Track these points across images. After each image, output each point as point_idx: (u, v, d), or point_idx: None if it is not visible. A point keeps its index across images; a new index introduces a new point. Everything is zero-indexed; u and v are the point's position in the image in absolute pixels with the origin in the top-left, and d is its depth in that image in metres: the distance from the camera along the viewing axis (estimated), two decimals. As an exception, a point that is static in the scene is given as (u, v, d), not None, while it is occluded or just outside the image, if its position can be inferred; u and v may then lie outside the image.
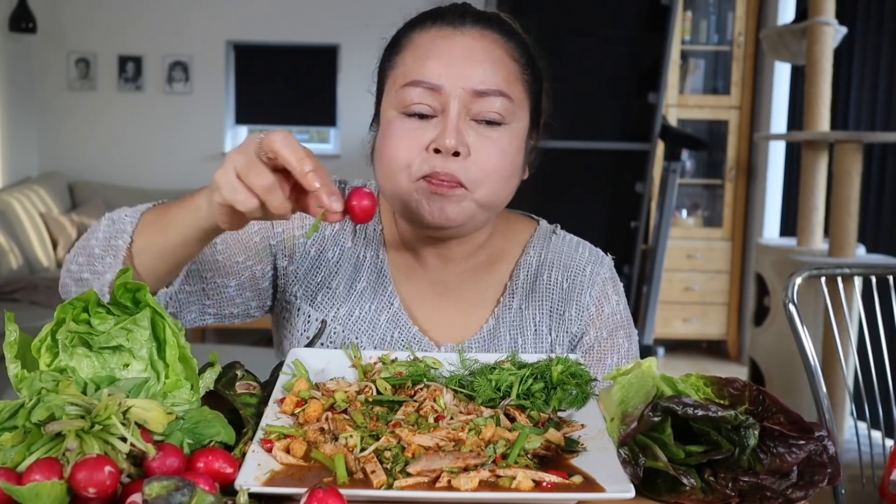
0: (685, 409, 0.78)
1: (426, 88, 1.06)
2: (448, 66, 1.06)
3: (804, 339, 1.70)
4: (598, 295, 1.23)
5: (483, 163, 1.07)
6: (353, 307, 1.19)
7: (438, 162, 1.05)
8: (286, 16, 5.69)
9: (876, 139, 3.29)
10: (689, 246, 5.31)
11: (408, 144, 1.07)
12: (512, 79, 1.10)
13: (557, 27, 3.81)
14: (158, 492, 0.62)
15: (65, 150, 5.75)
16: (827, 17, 3.40)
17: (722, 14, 5.30)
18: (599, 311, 1.22)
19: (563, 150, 3.87)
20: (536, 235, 1.26)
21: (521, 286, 1.22)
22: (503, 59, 1.09)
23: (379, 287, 1.19)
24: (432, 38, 1.09)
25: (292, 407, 0.88)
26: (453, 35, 1.08)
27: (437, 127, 1.06)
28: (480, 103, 1.07)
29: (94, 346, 0.86)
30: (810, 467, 0.77)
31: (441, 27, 1.09)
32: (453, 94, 1.06)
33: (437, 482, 0.75)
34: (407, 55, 1.10)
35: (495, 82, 1.07)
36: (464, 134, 1.06)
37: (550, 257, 1.23)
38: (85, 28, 5.67)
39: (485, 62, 1.07)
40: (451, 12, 1.11)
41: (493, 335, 1.19)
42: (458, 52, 1.07)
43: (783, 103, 5.06)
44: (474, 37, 1.09)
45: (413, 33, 1.11)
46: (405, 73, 1.09)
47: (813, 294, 3.05)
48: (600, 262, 1.25)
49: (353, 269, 1.20)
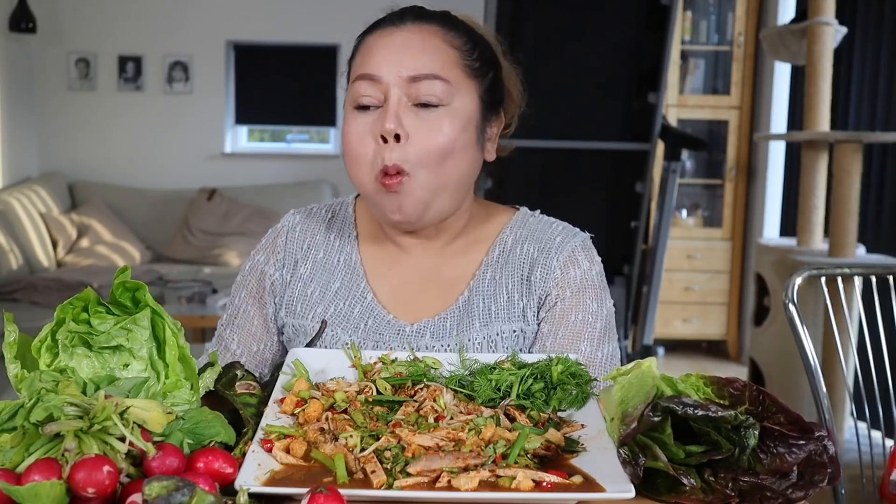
0: (685, 409, 0.78)
1: (369, 80, 1.16)
2: (386, 58, 1.16)
3: (804, 339, 1.70)
4: (565, 259, 1.25)
5: (422, 142, 1.14)
6: (328, 306, 1.26)
7: (385, 151, 1.14)
8: (286, 16, 5.69)
9: (876, 139, 3.29)
10: (689, 246, 5.31)
11: (358, 135, 1.17)
12: (450, 63, 1.18)
13: (557, 27, 3.81)
14: (158, 492, 0.62)
15: (65, 150, 5.75)
16: (827, 17, 3.40)
17: (722, 14, 5.30)
18: (565, 274, 1.24)
19: (563, 150, 3.88)
20: (514, 219, 1.31)
21: (496, 260, 1.27)
22: (440, 47, 1.18)
23: (353, 285, 1.27)
24: (376, 37, 1.20)
25: (292, 407, 0.88)
26: (393, 32, 1.19)
27: (381, 115, 1.15)
28: (417, 87, 1.15)
29: (94, 346, 0.86)
30: (810, 467, 0.77)
31: (384, 27, 1.20)
32: (391, 82, 1.15)
33: (437, 482, 0.75)
34: (357, 57, 1.21)
35: (430, 67, 1.16)
36: (402, 118, 1.14)
37: (525, 234, 1.28)
38: (85, 28, 5.67)
39: (419, 50, 1.17)
40: (396, 14, 1.22)
41: (468, 306, 1.24)
42: (396, 44, 1.17)
43: (783, 103, 5.05)
44: (412, 31, 1.18)
45: (366, 38, 1.22)
46: (354, 71, 1.20)
47: (813, 294, 3.05)
48: (573, 235, 1.28)
49: (327, 276, 1.28)
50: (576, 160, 3.93)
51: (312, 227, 1.32)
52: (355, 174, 1.18)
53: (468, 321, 1.22)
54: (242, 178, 5.72)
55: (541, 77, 3.83)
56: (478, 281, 1.25)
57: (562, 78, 3.80)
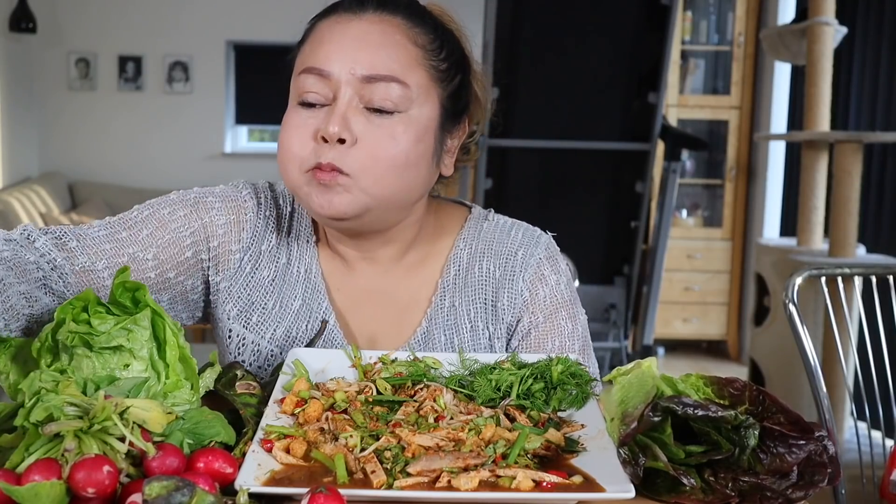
0: (685, 409, 0.78)
1: (317, 75, 1.03)
2: (339, 52, 1.02)
3: (804, 339, 1.70)
4: (531, 278, 1.14)
5: (369, 150, 1.01)
6: (290, 327, 1.14)
7: (324, 151, 1.01)
8: (286, 16, 5.67)
9: (876, 139, 3.29)
10: (689, 246, 5.31)
11: (299, 133, 1.04)
12: (412, 64, 1.04)
13: (558, 27, 3.81)
14: (158, 492, 0.62)
15: (65, 150, 5.75)
16: (827, 17, 3.40)
17: (722, 14, 5.30)
18: (534, 295, 1.14)
19: (563, 150, 3.88)
20: (467, 225, 1.18)
21: (453, 282, 1.15)
22: (401, 44, 1.04)
23: (314, 303, 1.14)
24: (330, 24, 1.05)
25: (292, 407, 0.88)
26: (350, 20, 1.04)
27: (327, 115, 1.02)
28: (371, 89, 1.01)
29: (94, 346, 0.86)
30: (810, 467, 0.77)
31: (341, 14, 1.05)
32: (343, 79, 1.02)
33: (437, 482, 0.75)
34: (306, 44, 1.07)
35: (388, 67, 1.02)
36: (350, 121, 1.01)
37: (481, 247, 1.16)
38: (85, 28, 5.67)
39: (378, 46, 1.02)
40: (356, 0, 1.07)
41: (427, 338, 1.13)
42: (351, 36, 1.03)
43: (783, 103, 5.06)
44: (372, 21, 1.04)
45: (318, 22, 1.08)
46: (302, 61, 1.06)
47: (813, 294, 3.05)
48: (534, 243, 1.17)
49: (288, 287, 1.15)
50: (576, 160, 3.93)
51: (276, 223, 1.17)
52: (283, 167, 1.06)
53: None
54: (242, 177, 5.70)
55: (541, 77, 3.84)
56: (435, 309, 1.14)
57: (562, 78, 3.80)
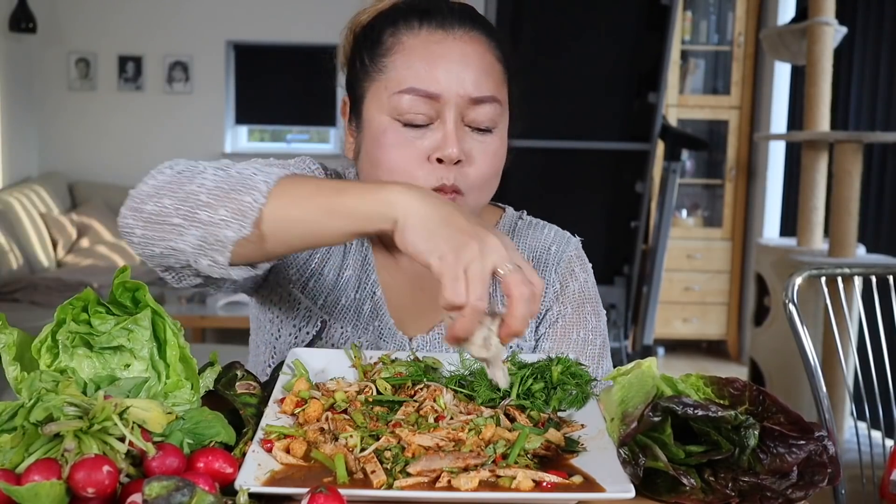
0: (685, 409, 0.78)
1: (423, 96, 1.04)
2: (445, 74, 1.05)
3: (804, 339, 1.70)
4: (563, 272, 1.23)
5: (480, 168, 1.08)
6: (339, 295, 1.19)
7: (443, 173, 1.05)
8: (286, 16, 5.69)
9: (876, 139, 3.29)
10: (689, 246, 5.31)
11: (406, 154, 1.06)
12: (500, 81, 1.11)
13: (557, 27, 3.81)
14: (158, 492, 0.62)
15: (65, 150, 5.75)
16: (827, 17, 3.40)
17: (722, 14, 5.30)
18: (565, 287, 1.22)
19: (563, 150, 3.88)
20: (502, 222, 1.26)
21: None
22: (493, 63, 1.10)
23: (363, 275, 1.20)
24: (424, 41, 1.07)
25: (292, 407, 0.88)
26: (445, 39, 1.07)
27: (434, 134, 1.06)
28: (476, 110, 1.06)
29: (94, 346, 0.86)
30: (810, 467, 0.77)
31: (431, 30, 1.07)
32: (450, 101, 1.05)
33: (437, 482, 0.75)
34: (397, 59, 1.07)
35: (489, 88, 1.07)
36: (462, 141, 1.06)
37: (516, 240, 1.24)
38: (85, 28, 5.67)
39: (479, 68, 1.07)
40: (437, 11, 1.09)
41: None
42: (453, 57, 1.06)
43: (783, 103, 5.06)
44: (464, 40, 1.08)
45: (401, 35, 1.08)
46: (398, 78, 1.06)
47: (813, 294, 3.05)
48: (566, 242, 1.25)
49: (341, 257, 1.20)
50: (576, 160, 3.93)
51: None
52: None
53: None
54: (242, 178, 5.72)
55: (541, 77, 3.84)
56: None
57: (562, 78, 3.80)
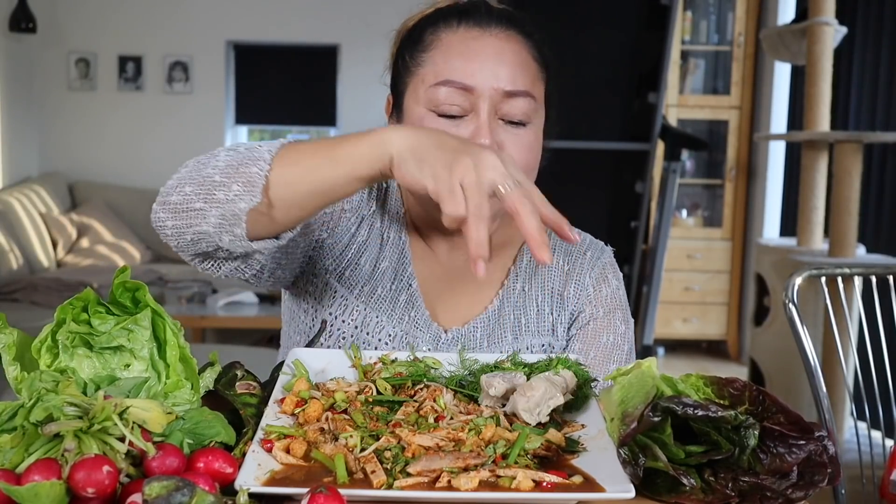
0: (685, 409, 0.78)
1: (458, 88, 1.09)
2: (480, 67, 1.09)
3: (804, 339, 1.70)
4: (597, 277, 1.26)
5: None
6: (375, 285, 1.21)
7: None
8: (286, 16, 5.69)
9: (876, 139, 3.29)
10: (689, 246, 5.31)
11: None
12: (536, 79, 1.14)
13: (557, 26, 3.81)
14: (158, 492, 0.62)
15: (65, 150, 5.75)
16: (827, 17, 3.40)
17: (722, 14, 5.30)
18: (598, 292, 1.25)
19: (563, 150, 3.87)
20: None
21: (525, 269, 1.25)
22: (528, 61, 1.13)
23: (400, 267, 1.22)
24: (461, 38, 1.12)
25: (292, 407, 0.88)
26: (482, 36, 1.12)
27: (468, 125, 1.10)
28: (509, 104, 1.10)
29: (94, 346, 0.86)
30: (810, 467, 0.77)
31: (469, 28, 1.13)
32: (484, 94, 1.09)
33: (437, 482, 0.75)
34: (436, 54, 1.12)
35: (523, 83, 1.11)
36: (496, 133, 1.09)
37: (552, 243, 1.25)
38: (85, 28, 5.67)
39: (513, 63, 1.11)
40: (476, 11, 1.14)
41: (498, 315, 1.22)
42: (489, 52, 1.10)
43: (783, 103, 5.06)
44: (500, 38, 1.12)
45: (440, 32, 1.13)
46: (435, 71, 1.11)
47: (813, 294, 3.05)
48: (601, 250, 1.29)
49: (378, 248, 1.23)
50: (576, 160, 3.93)
51: (377, 193, 1.25)
52: None
53: (500, 332, 1.21)
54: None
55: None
56: (507, 290, 1.23)
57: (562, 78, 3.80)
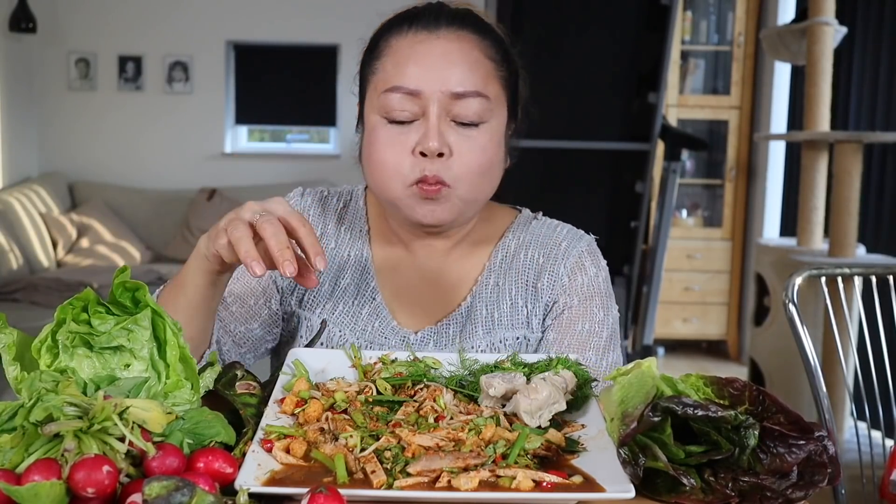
0: (685, 409, 0.78)
1: (406, 94, 1.10)
2: (427, 71, 1.10)
3: (804, 339, 1.70)
4: (572, 266, 1.24)
5: (464, 161, 1.11)
6: (336, 303, 1.23)
7: (426, 165, 1.10)
8: (286, 16, 5.69)
9: (876, 139, 3.29)
10: (689, 246, 5.31)
11: (394, 150, 1.12)
12: (489, 78, 1.13)
13: (557, 27, 3.81)
14: (158, 492, 0.62)
15: (65, 150, 5.74)
16: (827, 17, 3.40)
17: (722, 14, 5.30)
18: (573, 281, 1.23)
19: (563, 150, 3.88)
20: (517, 222, 1.29)
21: (499, 265, 1.25)
22: (479, 60, 1.13)
23: (362, 283, 1.24)
24: (410, 43, 1.12)
25: (292, 407, 0.88)
26: (429, 39, 1.12)
27: (419, 130, 1.11)
28: (459, 105, 1.10)
29: (94, 346, 0.86)
30: (810, 467, 0.77)
31: (417, 31, 1.13)
32: (432, 97, 1.10)
33: (437, 482, 0.75)
34: (386, 61, 1.14)
35: (473, 83, 1.11)
36: (445, 135, 1.10)
37: (528, 238, 1.26)
38: (85, 28, 5.67)
39: (462, 64, 1.11)
40: (426, 14, 1.14)
41: (470, 311, 1.22)
42: (436, 55, 1.11)
43: (783, 103, 5.05)
44: (450, 39, 1.12)
45: (391, 38, 1.14)
46: (385, 78, 1.13)
47: (813, 294, 3.05)
48: (578, 238, 1.27)
49: (337, 269, 1.25)
50: (576, 160, 3.93)
51: (325, 216, 1.28)
52: (384, 184, 1.14)
53: (471, 328, 1.21)
54: (242, 178, 5.72)
55: (541, 77, 3.83)
56: (480, 286, 1.23)
57: (562, 78, 3.80)
